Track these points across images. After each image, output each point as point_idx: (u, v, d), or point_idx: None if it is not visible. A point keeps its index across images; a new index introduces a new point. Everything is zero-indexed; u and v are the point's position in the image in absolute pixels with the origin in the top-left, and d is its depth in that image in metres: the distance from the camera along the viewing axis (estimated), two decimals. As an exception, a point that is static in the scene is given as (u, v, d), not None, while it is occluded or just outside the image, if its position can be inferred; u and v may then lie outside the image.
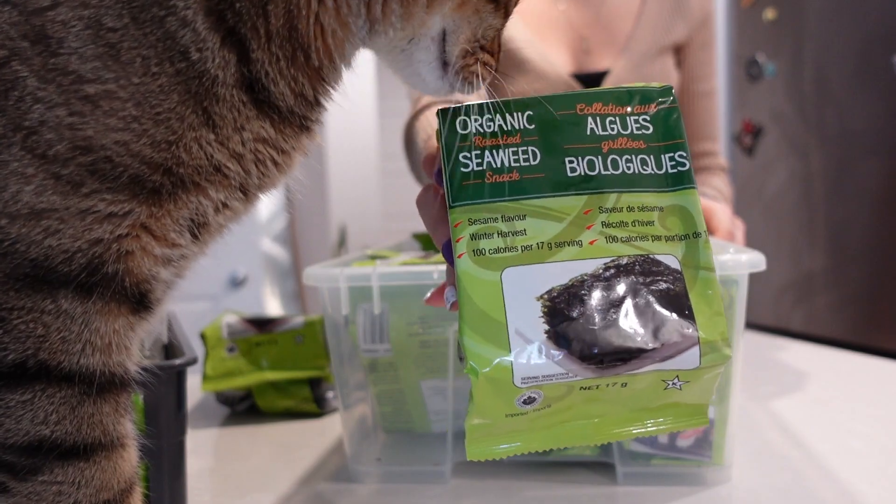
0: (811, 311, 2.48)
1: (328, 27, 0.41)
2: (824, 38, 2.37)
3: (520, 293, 0.41)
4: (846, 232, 2.33)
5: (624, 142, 0.44)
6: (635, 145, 0.45)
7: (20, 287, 0.38)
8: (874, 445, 0.69)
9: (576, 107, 0.45)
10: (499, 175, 0.43)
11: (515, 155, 0.44)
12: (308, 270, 0.64)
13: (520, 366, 0.39)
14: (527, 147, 0.44)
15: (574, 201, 0.43)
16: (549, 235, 0.42)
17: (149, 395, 0.54)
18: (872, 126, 2.20)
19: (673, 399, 0.43)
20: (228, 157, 0.41)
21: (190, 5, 0.38)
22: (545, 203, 0.43)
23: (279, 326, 0.88)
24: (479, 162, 0.44)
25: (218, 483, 0.67)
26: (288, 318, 0.90)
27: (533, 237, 0.42)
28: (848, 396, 0.84)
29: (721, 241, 0.73)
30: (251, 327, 0.88)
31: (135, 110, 0.38)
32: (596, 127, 0.44)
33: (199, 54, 0.39)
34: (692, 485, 0.61)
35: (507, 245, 0.42)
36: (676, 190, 0.44)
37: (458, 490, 0.63)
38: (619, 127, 0.45)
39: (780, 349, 1.11)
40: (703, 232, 0.43)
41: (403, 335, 0.65)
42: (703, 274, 0.43)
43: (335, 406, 0.87)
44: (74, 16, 0.37)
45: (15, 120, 0.37)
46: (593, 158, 0.44)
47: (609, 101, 0.45)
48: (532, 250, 0.42)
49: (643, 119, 0.45)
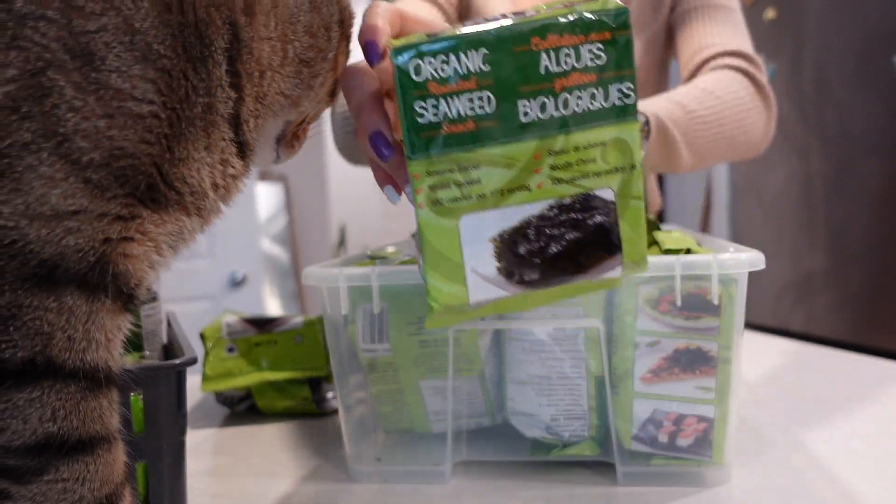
0: (811, 312, 2.48)
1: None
2: (824, 38, 2.37)
3: (475, 237, 0.46)
4: (846, 232, 2.33)
5: (576, 77, 0.46)
6: (587, 79, 0.46)
7: (29, 286, 0.39)
8: (874, 445, 0.69)
9: (531, 41, 0.45)
10: (455, 126, 0.45)
11: (471, 102, 0.45)
12: (307, 270, 0.64)
13: (474, 296, 0.47)
14: (482, 93, 0.45)
15: (525, 147, 0.46)
16: (501, 183, 0.46)
17: (149, 395, 0.54)
18: (873, 126, 2.20)
19: (595, 286, 0.50)
20: (211, 185, 0.46)
21: (222, 51, 0.44)
22: (499, 151, 0.46)
23: (279, 326, 0.88)
24: (434, 112, 0.45)
25: (218, 483, 0.67)
26: (287, 318, 0.90)
27: (487, 185, 0.46)
28: (848, 396, 0.84)
29: (721, 241, 0.73)
30: (251, 327, 0.88)
31: (168, 129, 0.42)
32: (550, 63, 0.45)
33: (221, 92, 0.44)
34: (692, 484, 0.61)
35: (464, 194, 0.46)
36: (620, 123, 0.46)
37: (457, 490, 0.63)
38: (574, 60, 0.45)
39: (781, 349, 1.11)
40: (638, 163, 0.47)
41: (403, 334, 0.65)
42: (634, 203, 0.48)
43: (335, 406, 0.87)
44: (118, 40, 0.41)
45: (48, 126, 0.39)
46: (545, 100, 0.45)
47: (565, 32, 0.45)
48: (486, 198, 0.46)
49: (597, 48, 0.46)
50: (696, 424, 0.60)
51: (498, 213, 0.46)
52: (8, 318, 0.39)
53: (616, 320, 0.62)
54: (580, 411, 0.63)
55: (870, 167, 2.23)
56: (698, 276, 0.58)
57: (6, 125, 0.38)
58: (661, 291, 0.59)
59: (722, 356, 0.59)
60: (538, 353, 0.63)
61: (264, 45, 0.46)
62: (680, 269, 0.58)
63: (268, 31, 0.46)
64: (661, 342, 0.60)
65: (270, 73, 0.47)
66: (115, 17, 0.40)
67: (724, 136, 0.90)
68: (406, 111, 0.45)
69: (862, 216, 2.26)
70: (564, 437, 0.64)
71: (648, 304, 0.60)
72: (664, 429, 0.61)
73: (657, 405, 0.61)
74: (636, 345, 0.60)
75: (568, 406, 0.63)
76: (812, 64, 2.43)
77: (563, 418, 0.64)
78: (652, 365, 0.60)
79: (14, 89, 0.38)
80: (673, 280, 0.58)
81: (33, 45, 0.38)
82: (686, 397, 0.60)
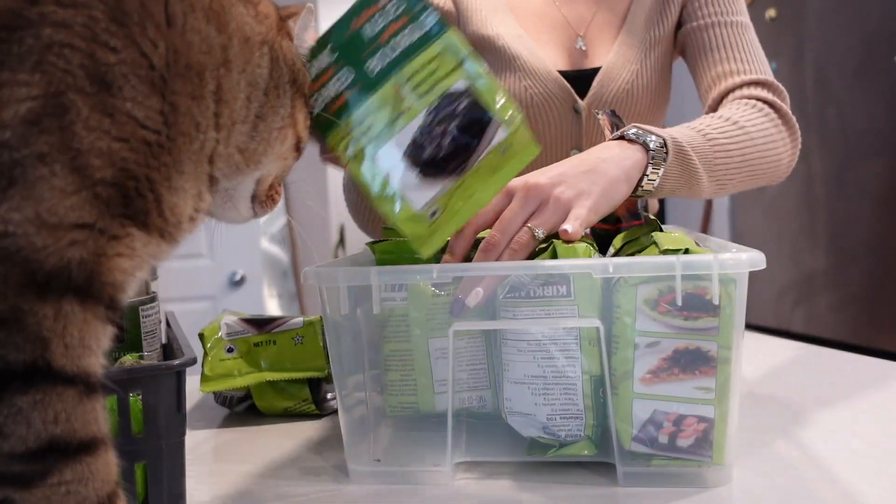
0: (812, 312, 2.48)
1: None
2: (825, 37, 2.37)
3: (392, 164, 0.61)
4: (847, 232, 2.33)
5: (393, 27, 0.61)
6: (401, 23, 0.61)
7: (32, 292, 0.41)
8: (874, 445, 0.69)
9: (351, 25, 0.62)
10: (335, 102, 0.62)
11: (337, 82, 0.62)
12: (306, 270, 0.64)
13: (417, 203, 0.62)
14: (340, 72, 0.62)
15: (386, 88, 0.61)
16: (385, 119, 0.61)
17: (148, 396, 0.54)
18: (873, 126, 2.20)
19: (510, 156, 0.63)
20: (188, 216, 0.50)
21: (211, 94, 0.50)
22: (372, 101, 0.61)
23: (278, 326, 0.88)
24: (321, 100, 0.62)
25: (217, 483, 0.67)
26: (287, 318, 0.90)
27: (378, 125, 0.61)
28: (848, 397, 0.84)
29: (718, 240, 0.73)
30: (250, 327, 0.88)
31: (168, 158, 0.47)
32: (371, 29, 0.62)
33: (211, 131, 0.50)
34: (692, 485, 0.61)
35: (368, 139, 0.61)
36: (438, 38, 0.61)
37: (456, 491, 0.63)
38: (383, 20, 0.61)
39: (781, 350, 1.11)
40: (468, 54, 0.61)
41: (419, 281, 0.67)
42: (480, 82, 0.62)
43: (334, 407, 0.87)
44: (134, 72, 0.45)
45: (64, 141, 0.42)
46: (381, 52, 0.61)
47: (367, 6, 0.62)
48: (382, 133, 0.61)
49: (392, 3, 0.61)
50: (696, 425, 0.60)
51: (395, 140, 0.61)
52: (11, 322, 0.41)
53: (615, 321, 0.62)
54: (576, 410, 0.63)
55: (871, 167, 2.23)
56: (698, 276, 0.58)
57: (26, 136, 0.41)
58: (660, 292, 0.59)
59: (722, 356, 0.59)
60: (534, 353, 0.63)
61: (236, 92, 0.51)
62: (680, 269, 0.58)
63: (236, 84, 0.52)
64: (661, 343, 0.60)
65: (236, 125, 0.52)
66: (134, 52, 0.45)
67: (748, 165, 0.89)
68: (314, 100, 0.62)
69: (863, 216, 2.26)
70: (561, 436, 0.64)
71: (648, 304, 0.60)
72: (664, 429, 0.61)
73: (657, 406, 0.61)
74: (636, 345, 0.60)
75: (564, 405, 0.63)
76: (813, 63, 2.43)
77: (559, 418, 0.64)
78: (652, 365, 0.60)
79: (37, 105, 0.41)
80: (672, 280, 0.58)
81: (57, 70, 0.42)
82: (686, 398, 0.60)
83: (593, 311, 0.61)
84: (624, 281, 0.60)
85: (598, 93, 1.05)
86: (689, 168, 0.81)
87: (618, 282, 0.61)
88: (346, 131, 0.61)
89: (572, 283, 0.61)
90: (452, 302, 0.65)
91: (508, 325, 0.63)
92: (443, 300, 0.67)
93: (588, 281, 0.61)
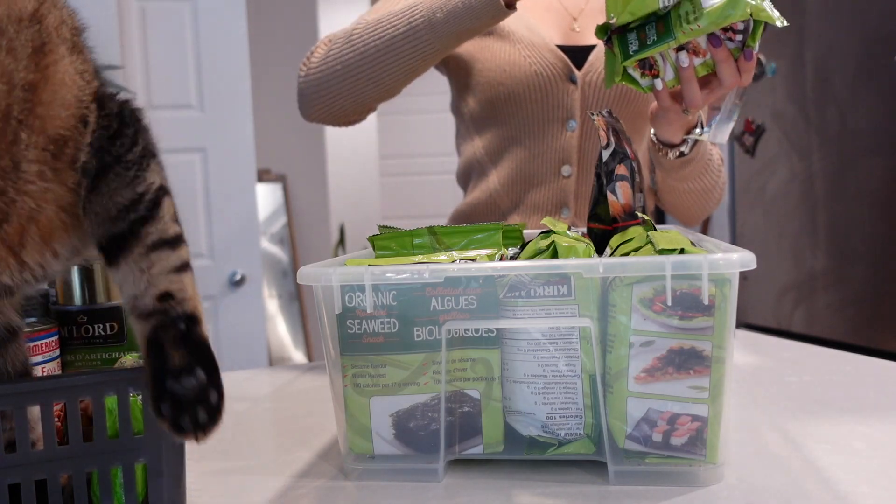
0: (812, 312, 2.48)
1: None
2: (825, 37, 2.37)
3: (380, 412, 0.65)
4: (847, 232, 2.33)
5: (454, 315, 0.63)
6: (463, 317, 0.63)
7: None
8: (874, 446, 0.69)
9: (425, 290, 0.63)
10: (371, 338, 0.64)
11: (382, 325, 0.64)
12: (302, 270, 0.64)
13: (378, 450, 0.66)
14: (389, 319, 0.64)
15: (417, 357, 0.64)
16: (399, 378, 0.64)
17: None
18: (874, 126, 2.20)
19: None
20: None
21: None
22: (398, 358, 0.64)
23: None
24: (359, 328, 0.64)
25: (216, 483, 0.68)
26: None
27: (390, 379, 0.64)
28: (848, 397, 0.84)
29: (714, 240, 0.73)
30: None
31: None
32: (437, 304, 0.63)
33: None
34: (686, 484, 0.61)
35: (374, 382, 0.65)
36: (487, 348, 0.64)
37: (451, 488, 0.63)
38: (453, 304, 0.63)
39: (781, 350, 1.11)
40: (498, 377, 0.65)
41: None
42: (493, 404, 0.65)
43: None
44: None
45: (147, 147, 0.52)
46: (432, 328, 0.63)
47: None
48: (389, 387, 0.64)
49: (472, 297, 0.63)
50: (689, 423, 0.60)
51: (395, 399, 0.64)
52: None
53: (610, 320, 0.62)
54: (575, 409, 0.63)
55: (871, 167, 2.23)
56: (693, 276, 0.59)
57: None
58: (655, 291, 0.59)
59: (716, 356, 0.59)
60: (533, 352, 0.63)
61: None
62: (671, 269, 0.58)
63: None
64: (656, 342, 0.60)
65: None
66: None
67: (704, 188, 1.16)
68: (340, 325, 0.65)
69: (863, 216, 2.26)
70: (560, 435, 0.64)
71: (642, 303, 0.60)
72: (658, 428, 0.61)
73: (651, 404, 0.61)
74: (630, 344, 0.60)
75: (563, 404, 0.64)
76: (813, 63, 2.43)
77: (558, 416, 0.64)
78: (646, 364, 0.60)
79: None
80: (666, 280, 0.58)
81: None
82: (680, 397, 0.60)
83: (594, 311, 0.62)
84: (619, 280, 0.61)
85: (594, 65, 1.13)
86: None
87: (613, 281, 0.61)
88: (364, 363, 0.65)
89: (572, 282, 0.61)
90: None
91: (507, 324, 0.63)
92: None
93: (588, 280, 0.61)
